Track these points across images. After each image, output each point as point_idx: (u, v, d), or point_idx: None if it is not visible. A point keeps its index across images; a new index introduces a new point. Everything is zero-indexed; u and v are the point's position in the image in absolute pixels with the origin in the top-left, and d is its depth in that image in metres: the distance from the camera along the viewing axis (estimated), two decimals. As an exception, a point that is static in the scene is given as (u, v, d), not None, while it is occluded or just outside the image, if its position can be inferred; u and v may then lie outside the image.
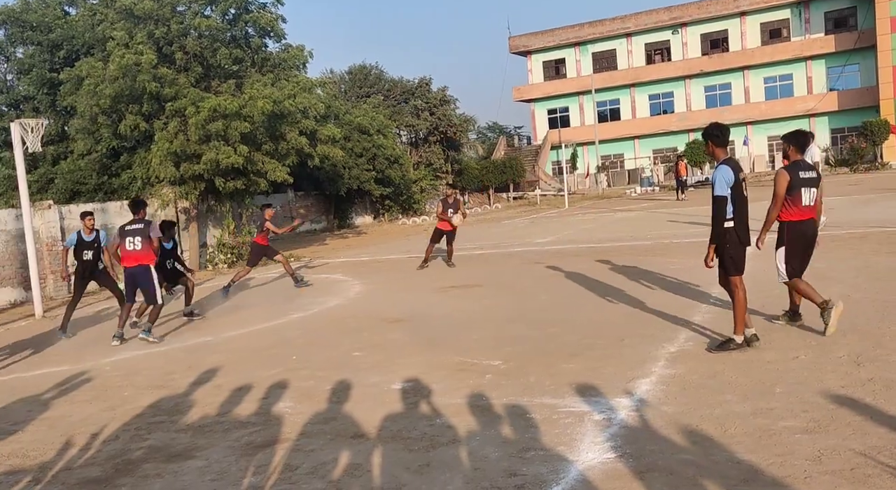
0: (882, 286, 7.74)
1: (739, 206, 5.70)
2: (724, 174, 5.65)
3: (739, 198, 5.69)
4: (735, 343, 5.73)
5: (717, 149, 5.83)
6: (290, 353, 7.39)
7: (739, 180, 5.65)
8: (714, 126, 5.82)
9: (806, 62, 46.99)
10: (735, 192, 5.66)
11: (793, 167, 6.10)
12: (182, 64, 17.45)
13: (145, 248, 8.55)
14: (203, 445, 4.77)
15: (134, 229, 8.62)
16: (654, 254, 12.38)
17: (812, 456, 3.68)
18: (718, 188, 5.65)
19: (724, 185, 5.63)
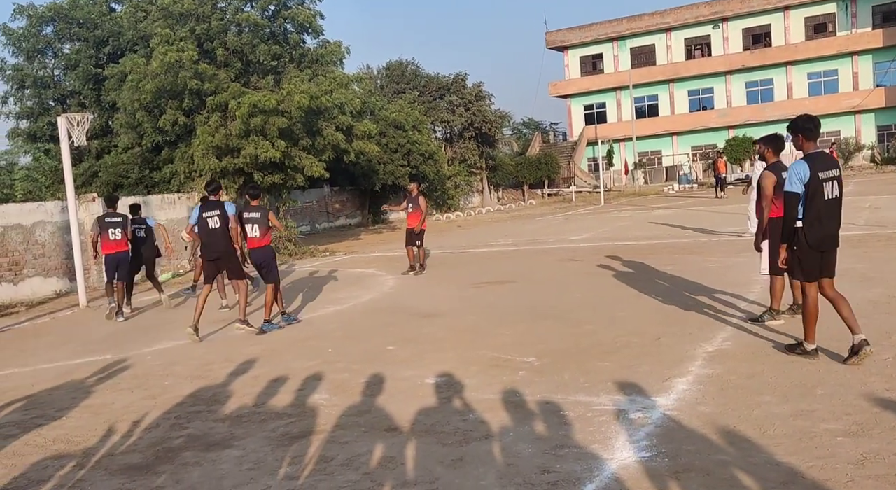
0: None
1: (814, 206, 5.19)
2: (797, 169, 5.22)
3: (815, 197, 5.18)
4: (803, 349, 5.42)
5: (807, 143, 5.32)
6: (325, 345, 7.47)
7: (819, 178, 5.17)
8: (806, 119, 5.37)
9: (852, 57, 45.70)
10: (810, 190, 5.18)
11: (774, 168, 6.60)
12: (222, 60, 17.73)
13: (125, 238, 10.35)
14: (240, 435, 4.85)
15: (116, 222, 10.32)
16: (691, 252, 12.20)
17: (854, 459, 3.60)
18: (788, 183, 5.29)
19: (794, 180, 5.22)
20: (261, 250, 8.68)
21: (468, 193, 40.14)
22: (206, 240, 8.55)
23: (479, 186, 41.97)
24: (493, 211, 35.11)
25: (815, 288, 5.33)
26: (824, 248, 5.28)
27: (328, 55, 19.16)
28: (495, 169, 42.81)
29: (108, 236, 10.31)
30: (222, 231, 8.42)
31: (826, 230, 5.24)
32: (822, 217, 5.22)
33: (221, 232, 8.42)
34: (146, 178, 20.37)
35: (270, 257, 8.76)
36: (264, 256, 8.71)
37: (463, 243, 18.22)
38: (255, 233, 8.61)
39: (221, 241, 8.44)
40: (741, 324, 6.74)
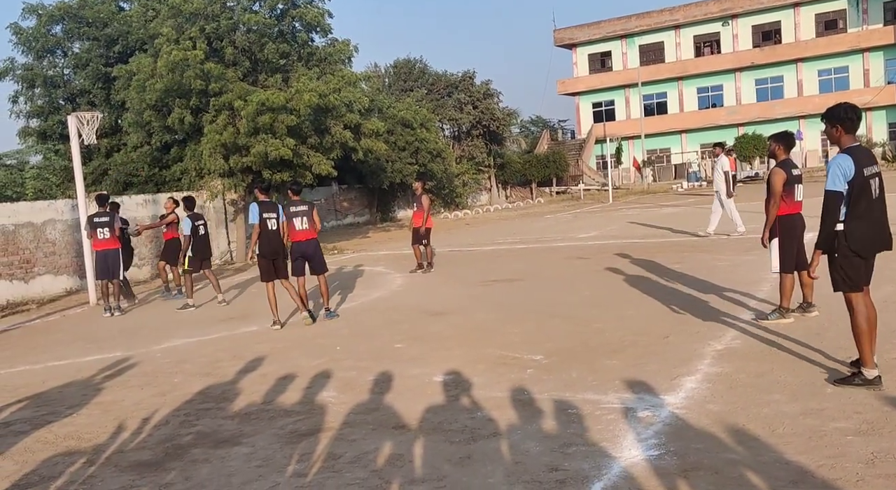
0: (941, 286, 7.46)
1: (859, 206, 4.57)
2: (842, 164, 4.58)
3: (861, 196, 4.57)
4: (863, 378, 4.58)
5: (845, 136, 4.71)
6: (333, 343, 7.49)
7: (864, 175, 4.56)
8: (847, 108, 4.73)
9: (863, 54, 45.37)
10: (855, 189, 4.56)
11: (784, 165, 6.57)
12: (231, 59, 17.78)
13: (113, 236, 10.83)
14: (249, 432, 4.87)
15: (104, 222, 10.81)
16: (700, 250, 12.16)
17: (865, 458, 3.58)
18: (830, 182, 4.61)
19: (838, 177, 4.58)
20: (307, 243, 8.80)
21: (476, 191, 40.13)
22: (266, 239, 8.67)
23: (488, 184, 41.94)
24: (501, 209, 35.08)
25: (862, 299, 4.64)
26: (870, 254, 4.67)
27: (336, 54, 19.16)
28: (503, 167, 42.75)
29: (97, 235, 10.87)
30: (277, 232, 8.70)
31: (874, 233, 4.63)
32: (869, 218, 4.60)
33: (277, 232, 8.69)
34: (156, 176, 20.46)
35: (319, 249, 8.93)
36: (313, 249, 8.84)
37: (471, 241, 18.22)
38: (305, 225, 8.75)
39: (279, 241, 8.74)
40: (750, 322, 6.71)
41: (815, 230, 5.01)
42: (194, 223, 11.04)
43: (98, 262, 11.02)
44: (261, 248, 8.64)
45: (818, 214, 4.86)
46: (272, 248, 8.64)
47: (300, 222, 8.73)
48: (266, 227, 8.60)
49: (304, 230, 8.74)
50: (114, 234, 10.88)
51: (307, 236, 8.78)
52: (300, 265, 8.85)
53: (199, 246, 11.05)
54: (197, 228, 11.05)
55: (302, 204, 8.88)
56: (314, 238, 8.85)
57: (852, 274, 4.65)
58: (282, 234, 8.70)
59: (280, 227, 8.69)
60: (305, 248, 8.80)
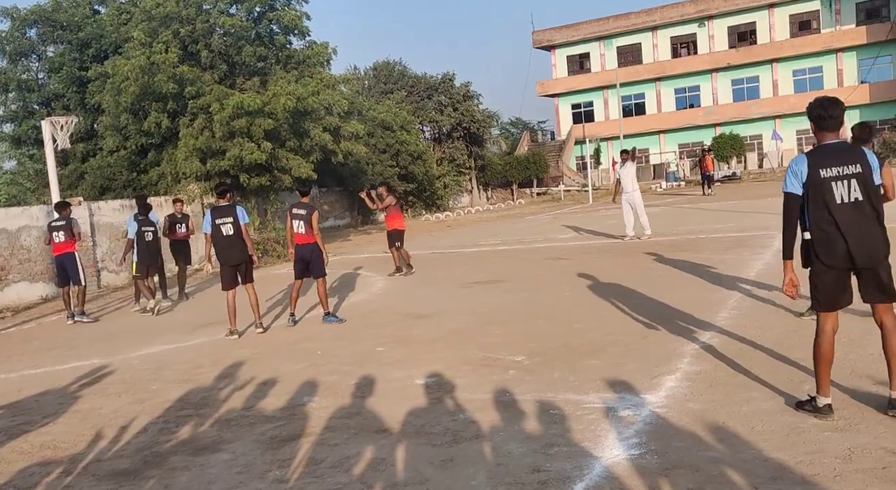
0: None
1: (817, 211, 4.14)
2: (794, 164, 4.25)
3: (817, 200, 4.13)
4: (814, 405, 4.21)
5: (819, 133, 4.32)
6: (314, 347, 7.44)
7: (820, 176, 4.11)
8: (818, 104, 4.36)
9: (836, 54, 46.08)
10: (809, 192, 4.16)
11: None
12: (207, 62, 17.65)
13: (69, 239, 10.69)
14: (229, 439, 4.82)
15: (59, 225, 10.73)
16: (680, 249, 12.26)
17: (842, 454, 3.62)
18: (785, 183, 4.28)
19: (790, 178, 4.25)
20: (304, 247, 8.72)
21: (457, 193, 40.17)
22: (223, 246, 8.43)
23: (469, 186, 42.00)
24: (482, 210, 35.14)
25: (830, 321, 4.22)
26: (838, 267, 4.15)
27: (314, 56, 19.11)
28: (484, 168, 42.85)
29: (53, 239, 10.80)
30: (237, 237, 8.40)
31: (840, 243, 4.10)
32: (832, 226, 4.11)
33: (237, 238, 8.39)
34: (134, 180, 20.23)
35: (317, 253, 8.76)
36: (309, 253, 8.74)
37: (452, 243, 18.22)
38: (302, 230, 8.66)
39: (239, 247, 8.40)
40: (729, 320, 6.77)
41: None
42: (140, 227, 10.90)
43: (56, 268, 11.03)
44: (217, 256, 8.45)
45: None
46: (228, 255, 8.42)
47: (297, 226, 8.69)
48: (220, 234, 8.36)
49: (301, 234, 8.69)
50: (70, 238, 10.70)
51: (305, 240, 8.71)
52: (300, 268, 8.79)
53: (144, 252, 10.88)
54: (143, 234, 10.89)
55: (303, 208, 8.77)
56: (312, 242, 8.71)
57: (820, 289, 4.23)
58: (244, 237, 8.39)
59: (241, 231, 8.34)
60: (303, 251, 8.74)
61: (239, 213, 8.44)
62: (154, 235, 11.06)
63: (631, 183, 14.45)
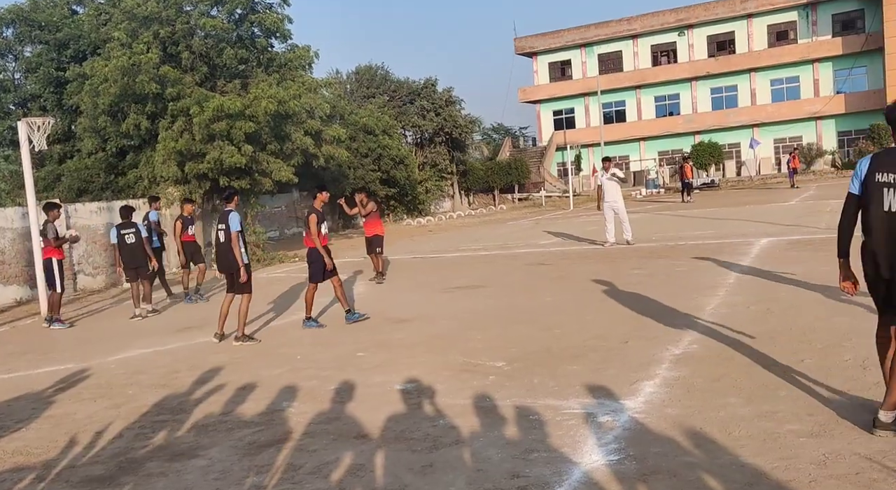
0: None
1: (867, 215, 4.01)
2: (858, 166, 4.11)
3: (869, 204, 3.98)
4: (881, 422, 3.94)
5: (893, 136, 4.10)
6: (294, 352, 7.40)
7: (875, 180, 3.95)
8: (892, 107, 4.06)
9: (813, 64, 46.80)
10: (865, 195, 4.01)
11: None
12: (188, 64, 17.51)
13: (46, 245, 10.61)
14: (206, 444, 4.77)
15: (41, 230, 10.84)
16: (659, 256, 12.36)
17: (817, 460, 3.66)
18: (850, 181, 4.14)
19: (852, 178, 4.12)
20: (307, 251, 8.79)
21: (439, 198, 40.21)
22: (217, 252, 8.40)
23: (450, 191, 42.07)
24: (463, 215, 35.18)
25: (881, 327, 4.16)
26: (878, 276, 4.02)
27: (296, 60, 19.02)
28: (466, 174, 42.95)
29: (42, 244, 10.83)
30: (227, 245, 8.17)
31: (875, 250, 3.99)
32: (876, 232, 3.98)
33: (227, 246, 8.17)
34: (112, 183, 20.00)
35: (313, 256, 8.71)
36: (308, 256, 8.77)
37: (434, 248, 18.22)
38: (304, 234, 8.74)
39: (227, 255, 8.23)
40: (706, 327, 6.83)
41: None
42: (119, 231, 10.80)
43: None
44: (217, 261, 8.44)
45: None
46: (219, 262, 8.38)
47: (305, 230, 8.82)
48: (217, 240, 8.33)
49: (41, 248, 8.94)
50: (48, 243, 10.55)
51: (306, 244, 8.79)
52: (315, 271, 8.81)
53: (126, 256, 10.77)
54: (122, 237, 10.77)
55: (307, 211, 8.83)
56: (310, 246, 8.73)
57: (870, 291, 4.16)
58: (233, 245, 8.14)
59: (230, 239, 8.12)
60: (307, 255, 8.82)
61: (230, 220, 8.18)
62: (136, 237, 10.86)
63: (614, 190, 14.54)
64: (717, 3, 48.57)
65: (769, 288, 8.45)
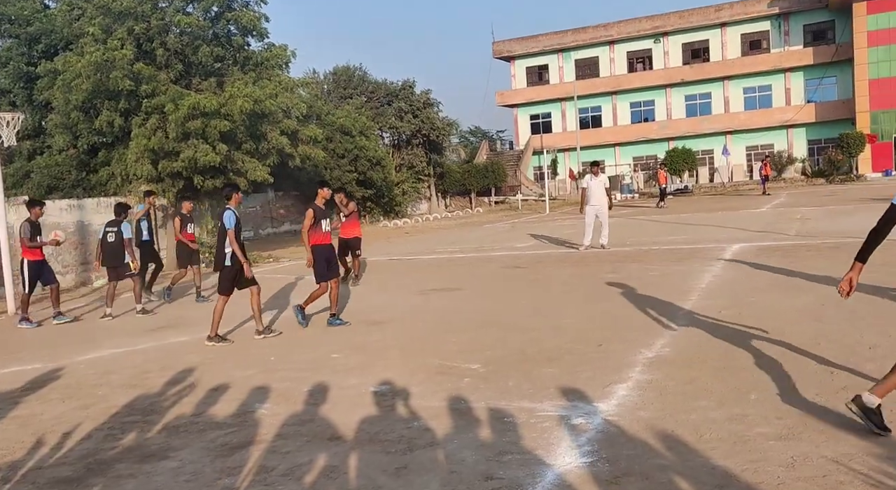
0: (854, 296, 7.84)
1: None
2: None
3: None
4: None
5: None
6: (268, 353, 7.34)
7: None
8: None
9: (785, 74, 47.68)
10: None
11: None
12: (162, 61, 17.30)
13: (22, 244, 10.36)
14: (177, 446, 4.71)
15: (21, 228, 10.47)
16: (633, 260, 12.48)
17: (785, 462, 3.73)
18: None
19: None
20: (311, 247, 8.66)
21: (416, 200, 40.19)
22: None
23: (427, 193, 42.07)
24: (440, 218, 35.19)
25: None
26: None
27: (273, 58, 18.88)
28: (443, 176, 42.98)
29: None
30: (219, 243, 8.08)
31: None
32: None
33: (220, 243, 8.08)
34: (83, 180, 19.66)
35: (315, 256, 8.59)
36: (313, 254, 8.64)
37: (410, 250, 18.20)
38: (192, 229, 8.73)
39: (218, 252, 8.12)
40: (679, 330, 6.91)
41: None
42: (104, 229, 10.73)
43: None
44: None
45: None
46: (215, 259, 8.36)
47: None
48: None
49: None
50: (22, 242, 10.38)
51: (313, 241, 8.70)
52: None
53: (105, 253, 10.65)
54: (105, 234, 10.67)
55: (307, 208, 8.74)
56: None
57: None
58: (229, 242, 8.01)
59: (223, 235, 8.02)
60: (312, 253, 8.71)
61: (224, 218, 8.03)
62: (117, 236, 10.63)
63: (600, 194, 14.57)
64: (691, 12, 49.28)
65: (740, 293, 8.57)
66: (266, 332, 8.17)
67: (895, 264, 9.33)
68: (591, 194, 14.64)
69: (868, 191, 28.90)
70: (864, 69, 42.87)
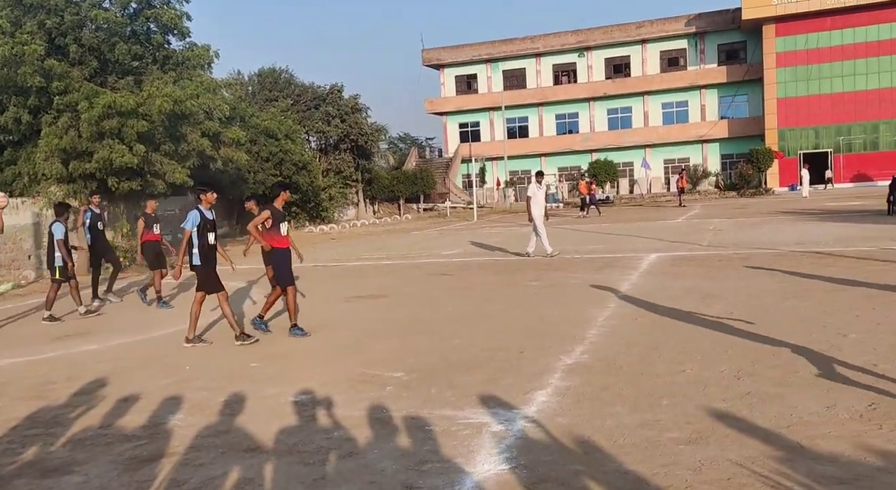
0: (760, 304, 8.27)
1: None
2: None
3: None
4: None
5: None
6: (183, 362, 7.09)
7: None
8: None
9: (700, 90, 49.88)
10: None
11: None
12: (76, 57, 16.56)
13: None
14: (82, 460, 4.49)
15: None
16: (555, 268, 12.73)
17: (693, 466, 3.87)
18: None
19: None
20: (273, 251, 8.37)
21: (343, 206, 39.80)
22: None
23: (355, 199, 41.73)
24: (368, 224, 34.99)
25: None
26: None
27: (195, 58, 18.38)
28: (371, 182, 42.75)
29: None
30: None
31: None
32: None
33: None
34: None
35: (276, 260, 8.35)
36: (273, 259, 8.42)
37: (336, 256, 18.00)
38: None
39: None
40: (597, 337, 7.09)
41: None
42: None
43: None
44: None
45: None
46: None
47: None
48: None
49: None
50: None
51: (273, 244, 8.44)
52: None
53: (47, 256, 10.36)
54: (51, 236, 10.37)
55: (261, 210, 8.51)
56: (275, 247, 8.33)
57: None
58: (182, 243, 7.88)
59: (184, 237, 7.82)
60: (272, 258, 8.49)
61: (187, 218, 7.87)
62: (49, 238, 10.34)
63: (540, 204, 14.77)
64: (614, 28, 50.95)
65: (656, 301, 8.87)
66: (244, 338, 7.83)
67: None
68: (536, 203, 14.81)
69: (776, 204, 30.55)
70: (772, 88, 45.34)
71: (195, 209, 7.93)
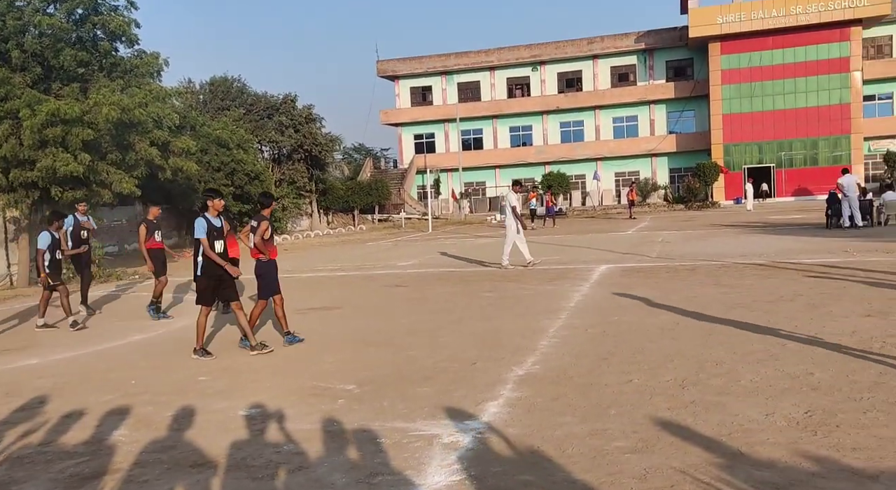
0: (706, 315, 8.50)
1: None
2: None
3: None
4: None
5: None
6: (128, 377, 6.92)
7: None
8: None
9: (649, 106, 51.11)
10: None
11: None
12: (18, 63, 16.08)
13: None
14: (21, 478, 4.34)
15: None
16: (509, 279, 12.85)
17: (638, 474, 3.95)
18: None
19: None
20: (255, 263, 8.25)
21: (297, 216, 39.41)
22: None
23: (309, 209, 41.37)
24: (322, 235, 34.70)
25: None
26: None
27: (144, 66, 18.01)
28: (325, 192, 42.46)
29: None
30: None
31: None
32: None
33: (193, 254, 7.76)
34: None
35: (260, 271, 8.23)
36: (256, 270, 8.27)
37: (289, 268, 17.78)
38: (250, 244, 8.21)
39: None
40: (548, 348, 7.18)
41: None
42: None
43: None
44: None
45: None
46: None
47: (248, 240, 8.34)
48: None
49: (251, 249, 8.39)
50: None
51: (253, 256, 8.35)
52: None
53: None
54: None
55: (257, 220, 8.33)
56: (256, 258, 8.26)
57: None
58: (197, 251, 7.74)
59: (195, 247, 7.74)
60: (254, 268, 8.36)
61: (195, 226, 7.71)
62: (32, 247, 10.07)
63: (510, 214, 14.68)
64: (566, 43, 51.87)
65: (606, 312, 9.04)
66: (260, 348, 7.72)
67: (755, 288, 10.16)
68: (510, 213, 14.74)
69: (722, 217, 31.43)
70: (718, 105, 46.74)
71: (202, 217, 7.76)
